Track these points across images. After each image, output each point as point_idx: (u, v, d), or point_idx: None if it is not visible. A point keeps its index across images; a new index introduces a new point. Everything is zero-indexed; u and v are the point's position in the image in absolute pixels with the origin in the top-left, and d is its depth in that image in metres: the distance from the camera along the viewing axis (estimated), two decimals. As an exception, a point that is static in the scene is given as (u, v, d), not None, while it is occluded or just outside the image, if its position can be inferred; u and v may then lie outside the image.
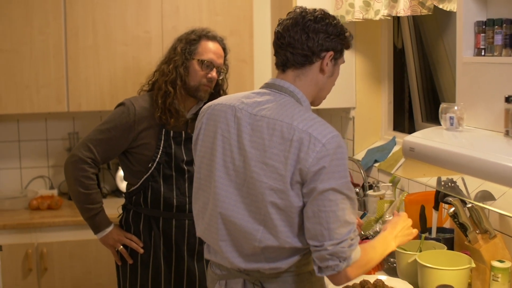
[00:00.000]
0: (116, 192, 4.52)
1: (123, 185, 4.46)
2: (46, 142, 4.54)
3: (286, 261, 2.07)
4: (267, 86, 2.17)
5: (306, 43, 2.06)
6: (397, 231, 2.28)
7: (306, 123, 1.98)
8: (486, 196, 2.62)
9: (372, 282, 2.60)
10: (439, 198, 2.83)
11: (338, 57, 2.14)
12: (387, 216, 2.49)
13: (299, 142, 1.95)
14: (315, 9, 2.12)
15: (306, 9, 2.12)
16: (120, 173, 4.49)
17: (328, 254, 1.94)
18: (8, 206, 4.23)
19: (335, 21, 2.11)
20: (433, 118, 3.99)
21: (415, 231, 2.37)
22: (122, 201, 3.25)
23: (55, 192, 4.39)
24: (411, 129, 4.09)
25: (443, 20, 3.75)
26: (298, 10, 2.12)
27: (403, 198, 2.59)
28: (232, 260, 2.11)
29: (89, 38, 4.12)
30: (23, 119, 4.47)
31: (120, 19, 4.15)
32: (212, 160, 2.12)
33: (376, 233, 3.00)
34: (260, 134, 2.02)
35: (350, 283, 2.54)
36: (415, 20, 3.92)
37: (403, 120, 4.22)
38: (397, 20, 4.03)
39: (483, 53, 2.43)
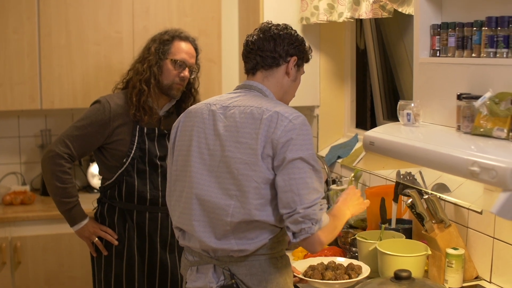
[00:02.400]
0: (87, 188, 4.61)
1: (94, 181, 4.57)
2: (19, 139, 4.62)
3: (253, 241, 2.23)
4: (238, 87, 2.42)
5: (274, 48, 2.34)
6: (348, 201, 2.47)
7: (274, 105, 2.23)
8: (442, 188, 2.82)
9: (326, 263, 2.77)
10: (398, 190, 3.00)
11: (300, 64, 2.42)
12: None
13: (268, 119, 2.17)
14: (278, 23, 2.42)
15: (271, 22, 2.42)
16: (91, 169, 4.59)
17: (301, 217, 2.12)
18: (-19, 201, 4.31)
19: (296, 33, 2.41)
20: (394, 116, 4.15)
21: (366, 201, 2.56)
22: (93, 196, 3.36)
23: (27, 188, 4.47)
24: (373, 127, 4.18)
25: (403, 22, 3.92)
26: (264, 24, 2.42)
27: (350, 183, 2.78)
28: (204, 240, 2.26)
29: (62, 38, 4.22)
30: (-5, 117, 4.56)
31: (92, 19, 4.26)
32: (188, 150, 2.31)
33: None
34: (233, 119, 2.24)
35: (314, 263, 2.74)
36: (377, 22, 4.08)
37: (365, 118, 4.37)
38: (359, 22, 4.19)
39: (438, 54, 2.60)
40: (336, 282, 2.61)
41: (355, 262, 2.77)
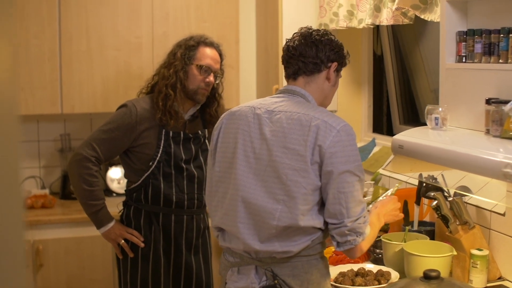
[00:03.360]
0: (106, 191, 4.66)
1: (113, 185, 4.63)
2: (38, 143, 4.67)
3: (297, 243, 2.28)
4: (280, 91, 2.46)
5: (316, 54, 2.38)
6: (386, 210, 2.55)
7: (321, 114, 2.28)
8: (465, 190, 2.88)
9: (356, 270, 2.83)
10: (421, 193, 3.07)
11: (339, 69, 2.46)
12: (379, 199, 2.76)
13: (317, 127, 2.23)
14: (318, 29, 2.46)
15: (311, 27, 2.46)
16: (110, 173, 4.65)
17: (347, 230, 2.22)
18: (2, 205, 4.35)
19: (336, 38, 2.45)
20: (409, 120, 4.23)
21: (401, 215, 2.64)
22: (112, 200, 3.39)
23: (47, 191, 4.52)
24: (389, 131, 4.32)
25: (419, 29, 3.98)
26: (304, 29, 2.45)
27: (397, 188, 2.84)
28: (248, 242, 2.31)
29: (83, 43, 4.28)
30: (15, 121, 4.59)
31: (112, 25, 4.32)
32: (234, 152, 2.35)
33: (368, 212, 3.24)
34: (279, 124, 2.29)
35: (345, 269, 2.80)
36: (394, 29, 4.15)
37: (382, 123, 4.44)
38: (376, 28, 4.25)
39: (464, 60, 2.67)
40: None
41: (384, 268, 2.83)
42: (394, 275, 2.77)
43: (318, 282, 2.35)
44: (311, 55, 2.38)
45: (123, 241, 3.26)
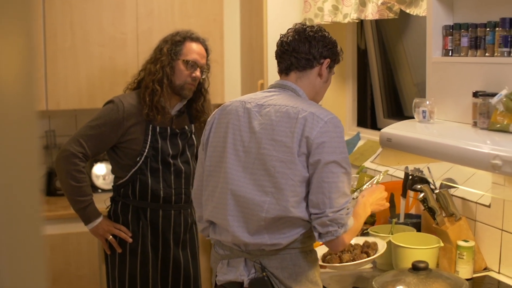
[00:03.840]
0: (91, 188, 4.63)
1: (99, 182, 4.62)
2: (22, 140, 4.65)
3: (286, 236, 2.31)
4: (272, 86, 2.48)
5: (309, 50, 2.40)
6: (373, 199, 2.56)
7: (309, 106, 2.30)
8: (450, 182, 2.92)
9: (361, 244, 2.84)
10: (407, 186, 3.10)
11: (332, 66, 2.48)
12: (364, 187, 2.77)
13: (304, 119, 2.24)
14: (312, 25, 2.47)
15: (305, 24, 2.48)
16: (95, 170, 4.64)
17: (329, 220, 2.22)
18: (-13, 202, 4.33)
19: (329, 35, 2.48)
20: (393, 114, 4.27)
21: (387, 204, 2.65)
22: (98, 196, 3.39)
23: (32, 188, 4.50)
24: (374, 125, 4.36)
25: (403, 24, 4.02)
26: (298, 25, 2.47)
27: (384, 174, 2.87)
28: (237, 235, 2.33)
29: (67, 39, 4.26)
30: (-1, 118, 4.57)
31: (96, 21, 4.31)
32: (224, 147, 2.38)
33: (353, 200, 3.26)
34: (268, 117, 2.31)
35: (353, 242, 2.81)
36: (378, 23, 4.18)
37: (366, 117, 4.47)
38: (360, 23, 4.28)
39: (450, 54, 2.71)
40: (355, 263, 2.69)
41: (370, 239, 2.85)
42: (381, 245, 2.79)
43: (306, 275, 2.37)
44: (304, 51, 2.40)
45: (111, 236, 3.26)
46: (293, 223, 2.30)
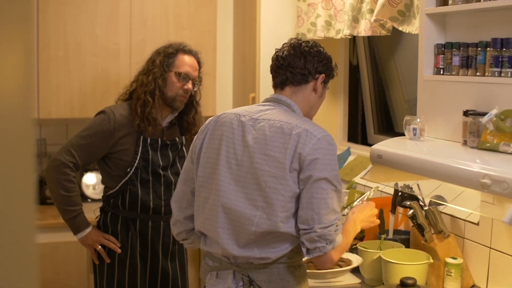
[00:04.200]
0: (81, 197, 4.61)
1: (89, 191, 4.61)
2: (13, 148, 4.64)
3: (275, 250, 2.31)
4: (267, 100, 2.49)
5: (304, 65, 2.41)
6: (364, 216, 2.57)
7: (303, 123, 2.31)
8: (439, 200, 2.93)
9: None
10: (397, 202, 3.11)
11: (327, 81, 2.49)
12: (355, 204, 2.80)
13: (298, 135, 2.26)
14: (308, 40, 2.48)
15: (301, 39, 2.49)
16: (85, 179, 4.63)
17: (317, 236, 2.22)
18: (-24, 209, 4.31)
19: (324, 50, 2.48)
20: (384, 130, 4.29)
21: (377, 221, 2.66)
22: (88, 206, 3.38)
23: (21, 196, 4.49)
24: (364, 141, 4.38)
25: (395, 41, 4.05)
26: (294, 40, 2.48)
27: (375, 191, 2.89)
28: (227, 247, 2.34)
29: (60, 49, 4.27)
30: (-10, 125, 4.56)
31: (90, 31, 4.32)
32: (217, 159, 2.38)
33: (343, 216, 3.28)
34: (262, 131, 2.32)
35: None
36: (370, 40, 4.20)
37: (357, 132, 4.49)
38: (353, 39, 4.31)
39: (442, 72, 2.73)
40: (327, 271, 2.74)
41: (344, 255, 2.88)
42: (356, 259, 2.82)
43: None
44: (299, 66, 2.41)
45: (100, 246, 3.26)
46: (282, 238, 2.30)
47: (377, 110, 4.31)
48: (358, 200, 2.88)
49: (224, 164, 2.36)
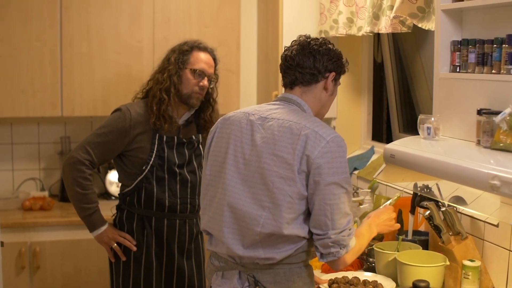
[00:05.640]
0: (105, 195, 4.65)
1: (112, 189, 4.62)
2: (38, 146, 4.68)
3: (281, 251, 2.28)
4: (277, 99, 2.45)
5: (314, 64, 2.35)
6: (380, 220, 2.54)
7: (312, 123, 2.26)
8: (459, 201, 2.85)
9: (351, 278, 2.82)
10: (415, 202, 3.04)
11: (337, 78, 2.44)
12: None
13: (306, 136, 2.21)
14: (317, 37, 2.42)
15: (309, 36, 2.43)
16: (109, 176, 4.65)
17: (331, 242, 2.21)
18: (1, 206, 4.37)
19: (335, 48, 2.41)
20: (409, 128, 4.21)
21: (396, 225, 2.62)
22: (111, 203, 3.38)
23: (46, 193, 4.53)
24: (389, 139, 4.29)
25: (420, 37, 3.96)
26: (302, 37, 2.42)
27: (397, 198, 2.83)
28: (232, 247, 2.31)
29: (84, 46, 4.28)
30: (16, 123, 4.61)
31: (113, 28, 4.33)
32: (224, 157, 2.36)
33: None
34: (271, 131, 2.28)
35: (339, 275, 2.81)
36: (394, 37, 4.13)
37: (381, 131, 4.42)
38: (377, 36, 4.23)
39: (458, 70, 2.65)
40: None
41: (379, 279, 2.82)
42: (386, 283, 2.75)
43: None
44: (308, 66, 2.35)
45: (115, 244, 3.26)
46: (287, 239, 2.27)
47: (402, 108, 4.23)
48: (382, 206, 2.84)
49: (231, 163, 2.34)
